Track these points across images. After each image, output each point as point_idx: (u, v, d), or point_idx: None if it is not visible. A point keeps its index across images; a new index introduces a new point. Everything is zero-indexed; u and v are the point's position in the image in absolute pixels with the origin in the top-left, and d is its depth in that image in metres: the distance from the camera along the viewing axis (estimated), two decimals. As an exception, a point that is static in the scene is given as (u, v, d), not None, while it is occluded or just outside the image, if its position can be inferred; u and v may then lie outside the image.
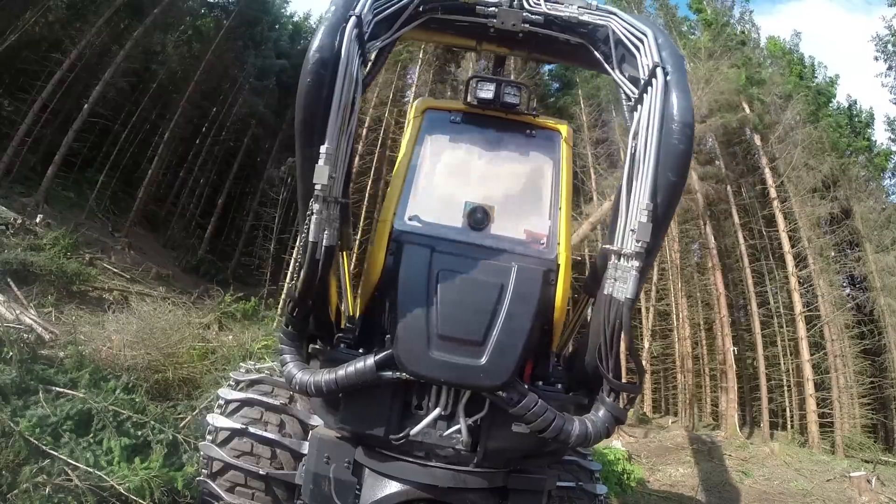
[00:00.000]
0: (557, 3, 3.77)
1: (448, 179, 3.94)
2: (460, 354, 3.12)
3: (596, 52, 3.76)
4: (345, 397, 3.42)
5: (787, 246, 23.21)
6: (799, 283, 22.88)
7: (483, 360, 3.11)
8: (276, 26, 38.15)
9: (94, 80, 24.69)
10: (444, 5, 3.65)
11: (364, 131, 27.76)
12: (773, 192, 24.15)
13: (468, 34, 4.13)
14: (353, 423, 3.52)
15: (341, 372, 3.23)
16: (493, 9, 3.64)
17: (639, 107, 3.24)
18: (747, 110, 24.52)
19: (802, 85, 28.71)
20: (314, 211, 2.89)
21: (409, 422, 3.41)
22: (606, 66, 3.67)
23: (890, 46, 27.20)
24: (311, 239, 2.90)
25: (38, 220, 18.06)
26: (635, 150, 3.15)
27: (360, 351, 3.55)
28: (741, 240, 25.43)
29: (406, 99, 30.29)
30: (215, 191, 34.81)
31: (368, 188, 27.24)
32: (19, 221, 16.40)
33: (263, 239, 31.30)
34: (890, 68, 27.62)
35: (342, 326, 3.97)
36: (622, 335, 3.01)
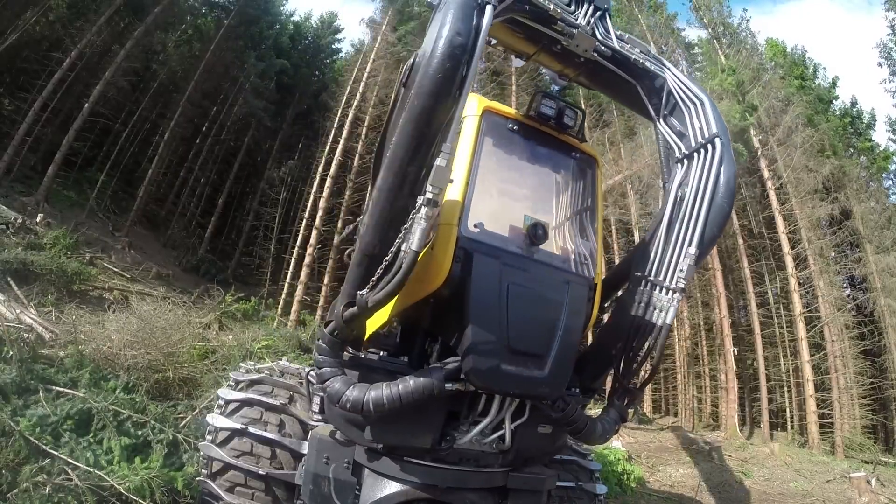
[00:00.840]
0: (625, 42, 3.92)
1: (503, 188, 3.96)
2: (527, 367, 3.19)
3: (644, 97, 3.93)
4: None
5: (786, 247, 23.20)
6: (799, 283, 22.87)
7: (546, 372, 3.22)
8: (277, 26, 38.16)
9: (94, 79, 24.70)
10: (533, 10, 3.63)
11: (364, 130, 27.76)
12: (772, 195, 24.16)
13: (534, 42, 4.07)
14: (396, 436, 3.37)
15: (404, 386, 3.02)
16: (571, 29, 3.67)
17: (686, 161, 3.65)
18: (748, 119, 24.52)
19: (805, 87, 28.72)
20: (425, 217, 2.67)
21: (450, 430, 3.46)
22: (652, 113, 3.91)
23: (894, 54, 27.19)
24: (414, 248, 2.70)
25: (38, 219, 18.05)
26: (679, 198, 3.57)
27: (404, 359, 3.54)
28: (741, 240, 25.43)
29: (406, 99, 30.18)
30: (216, 190, 34.81)
31: (369, 189, 27.20)
32: (20, 221, 16.40)
33: (264, 239, 31.32)
34: (893, 74, 27.62)
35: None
36: (653, 353, 3.44)
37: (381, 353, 3.57)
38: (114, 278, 16.86)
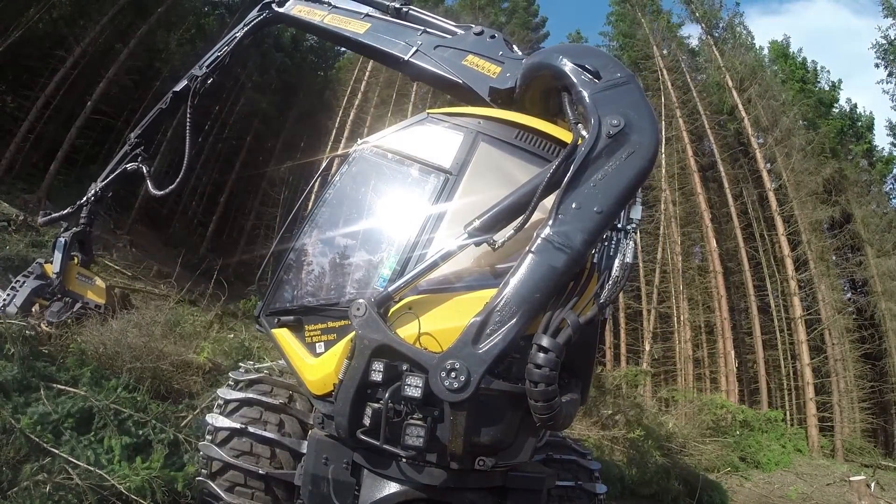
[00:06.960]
0: None
1: None
2: None
3: None
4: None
5: (786, 250, 23.22)
6: (799, 286, 22.86)
7: None
8: (279, 24, 38.14)
9: (97, 77, 24.75)
10: None
11: (365, 130, 27.80)
12: (771, 197, 24.17)
13: None
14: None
15: (572, 401, 3.15)
16: None
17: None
18: (744, 115, 24.52)
19: (806, 90, 28.68)
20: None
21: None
22: None
23: (889, 54, 27.14)
24: (629, 260, 3.01)
25: (40, 216, 18.05)
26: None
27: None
28: (742, 243, 25.41)
29: (408, 100, 30.24)
30: (217, 189, 34.84)
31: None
32: (21, 218, 16.42)
33: (265, 238, 31.35)
34: (891, 75, 27.57)
35: None
36: None
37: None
38: (115, 276, 16.87)
